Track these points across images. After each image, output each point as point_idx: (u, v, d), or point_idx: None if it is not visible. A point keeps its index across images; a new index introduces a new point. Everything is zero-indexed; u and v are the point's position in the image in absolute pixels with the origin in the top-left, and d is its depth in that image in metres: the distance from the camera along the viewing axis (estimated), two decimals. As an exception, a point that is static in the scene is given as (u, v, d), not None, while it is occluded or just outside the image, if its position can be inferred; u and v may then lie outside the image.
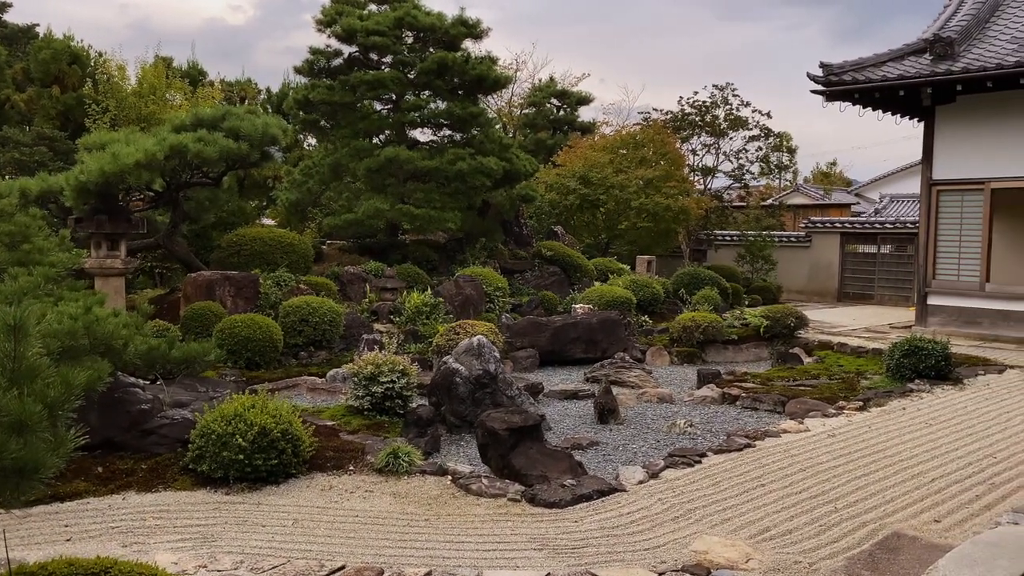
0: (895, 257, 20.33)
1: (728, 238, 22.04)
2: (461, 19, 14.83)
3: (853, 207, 32.60)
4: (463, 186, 13.76)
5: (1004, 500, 5.19)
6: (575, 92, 26.77)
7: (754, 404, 8.99)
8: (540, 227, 18.28)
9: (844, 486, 5.44)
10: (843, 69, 13.56)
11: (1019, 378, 9.62)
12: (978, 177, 13.15)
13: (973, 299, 13.35)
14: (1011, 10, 13.92)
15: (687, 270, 16.52)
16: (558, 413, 8.72)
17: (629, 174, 18.45)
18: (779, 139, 22.12)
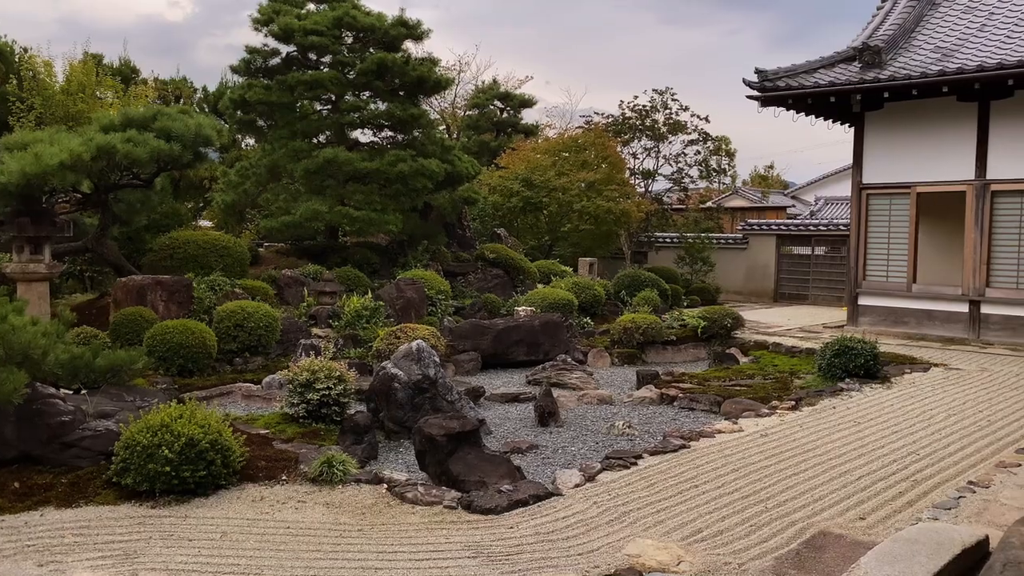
0: (829, 258, 20.91)
1: (668, 240, 22.38)
2: (401, 20, 14.72)
3: (789, 209, 33.49)
4: (404, 188, 13.65)
5: (925, 496, 5.36)
6: (518, 95, 26.95)
7: (691, 404, 9.13)
8: (483, 229, 18.27)
9: (775, 485, 5.55)
10: (777, 75, 13.89)
11: (942, 376, 9.98)
12: (905, 181, 13.62)
13: (901, 299, 13.83)
14: (934, 21, 14.47)
15: (628, 272, 16.71)
16: (499, 416, 8.71)
17: (571, 177, 18.58)
18: (718, 143, 22.57)
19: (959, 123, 12.98)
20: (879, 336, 12.83)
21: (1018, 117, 12.46)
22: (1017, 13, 13.29)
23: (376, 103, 14.90)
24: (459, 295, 14.20)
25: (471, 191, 15.88)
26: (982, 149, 12.79)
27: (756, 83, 13.94)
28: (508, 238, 17.39)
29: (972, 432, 7.15)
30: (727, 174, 28.49)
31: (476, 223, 18.23)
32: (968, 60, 12.32)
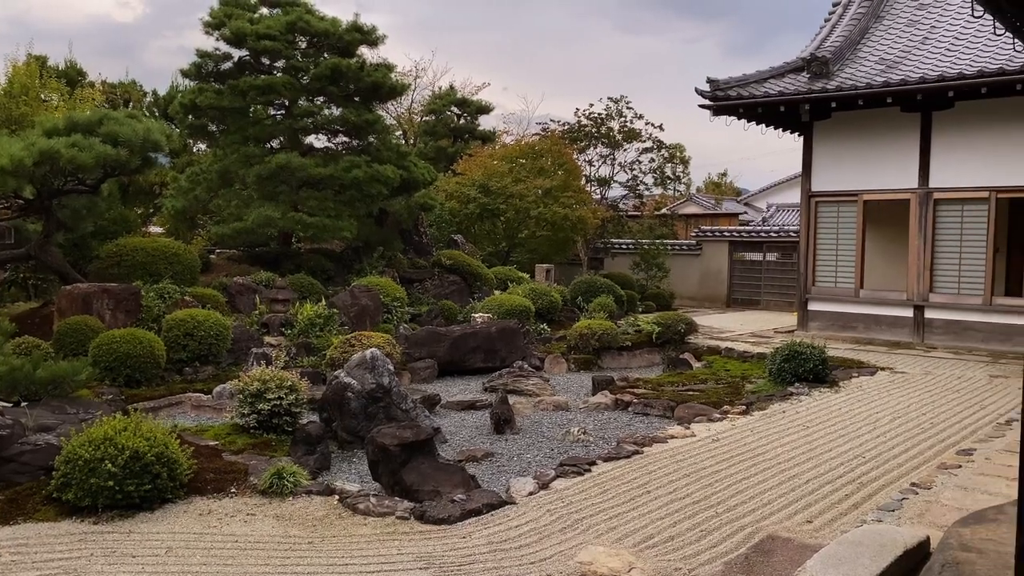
0: (780, 264, 21.31)
1: (624, 246, 22.59)
2: (356, 25, 14.62)
3: (742, 216, 34.07)
4: (359, 194, 13.53)
5: (871, 499, 5.49)
6: (475, 101, 26.97)
7: (645, 410, 9.21)
8: (440, 236, 18.22)
9: (725, 490, 5.63)
10: (728, 85, 14.13)
11: (888, 379, 10.23)
12: (852, 189, 13.96)
13: (849, 304, 14.15)
14: (879, 33, 14.88)
15: (584, 278, 16.82)
16: (455, 425, 8.67)
17: (528, 183, 18.65)
18: (672, 151, 22.87)
19: (903, 133, 13.36)
20: (828, 340, 13.12)
21: (958, 128, 12.88)
22: (957, 27, 13.75)
23: (331, 108, 14.76)
24: (415, 302, 14.13)
25: (427, 197, 15.83)
26: (925, 159, 13.18)
27: (708, 92, 14.16)
28: (465, 244, 17.37)
29: (916, 434, 7.34)
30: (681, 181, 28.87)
31: (433, 229, 18.17)
32: (911, 72, 12.69)
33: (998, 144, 12.47)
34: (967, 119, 12.69)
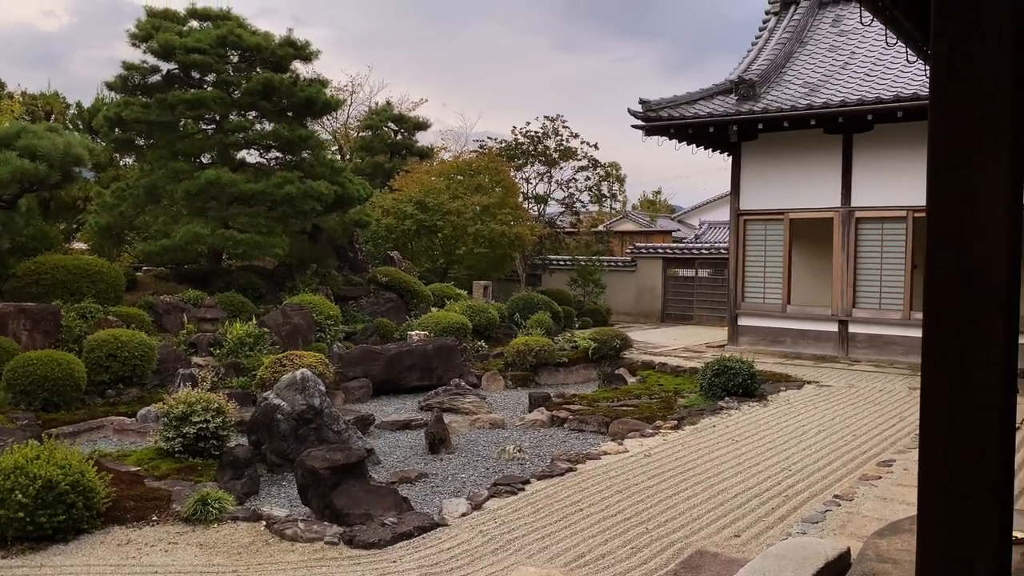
0: (712, 280, 21.78)
1: (561, 263, 22.78)
2: (289, 40, 14.45)
3: (675, 233, 34.75)
4: (292, 210, 13.31)
5: (796, 511, 5.63)
6: (412, 117, 26.93)
7: (580, 426, 9.27)
8: (376, 252, 18.04)
9: (656, 506, 5.69)
10: (660, 105, 14.45)
11: (814, 393, 10.54)
12: (779, 208, 14.40)
13: (777, 319, 14.56)
14: (803, 58, 15.45)
15: (522, 295, 16.88)
16: (389, 445, 8.57)
17: (466, 200, 18.65)
18: (608, 169, 23.21)
19: (826, 154, 13.86)
20: (757, 355, 13.46)
21: (877, 149, 13.43)
22: (875, 53, 14.37)
23: (263, 123, 14.52)
24: (350, 320, 13.94)
25: (363, 214, 15.68)
26: (847, 178, 13.70)
27: (640, 113, 14.45)
28: (402, 261, 17.24)
29: (839, 447, 7.57)
30: (617, 199, 29.29)
31: (369, 246, 17.99)
32: (832, 96, 13.21)
33: (914, 165, 13.04)
34: (886, 141, 13.25)
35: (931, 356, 1.68)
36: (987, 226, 1.58)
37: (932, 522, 1.74)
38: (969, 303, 1.62)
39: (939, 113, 1.65)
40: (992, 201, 1.58)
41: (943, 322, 1.66)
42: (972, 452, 1.63)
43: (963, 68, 1.59)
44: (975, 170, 1.58)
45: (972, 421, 1.62)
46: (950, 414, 1.65)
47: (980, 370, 1.62)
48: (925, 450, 1.72)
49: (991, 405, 1.61)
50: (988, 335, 1.61)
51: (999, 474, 1.62)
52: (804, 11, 16.31)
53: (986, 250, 1.59)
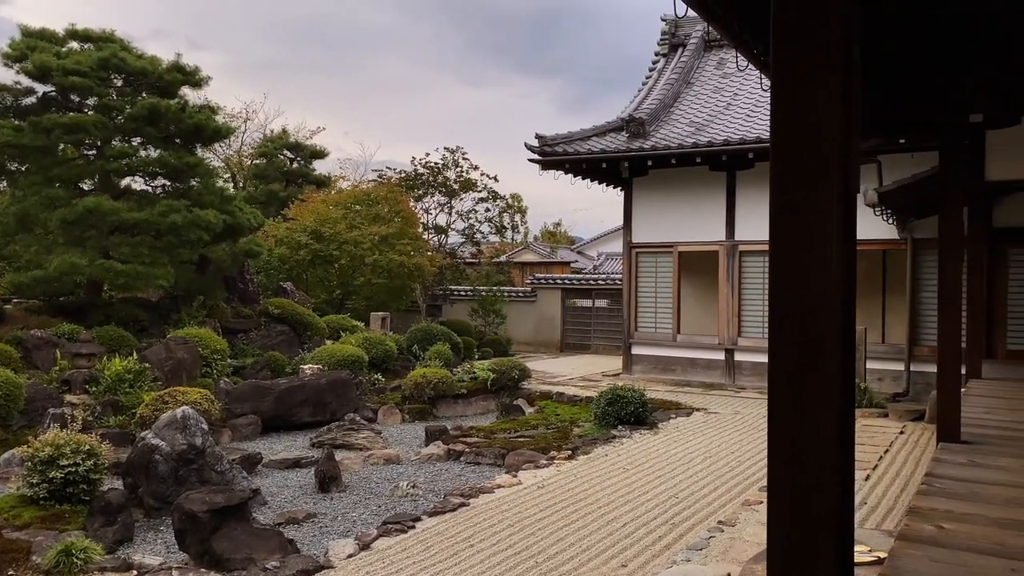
0: (609, 310, 22.25)
1: (462, 293, 22.80)
2: (177, 65, 13.98)
3: (574, 264, 35.48)
4: (178, 240, 12.77)
5: (682, 538, 5.76)
6: (309, 145, 26.54)
7: (477, 459, 9.22)
8: (269, 283, 17.53)
9: (547, 538, 5.70)
10: (555, 141, 14.79)
11: (702, 420, 10.88)
12: (668, 241, 14.92)
13: (668, 348, 15.00)
14: (690, 98, 16.18)
15: (421, 326, 16.74)
16: (277, 485, 8.27)
17: (364, 230, 18.43)
18: (508, 201, 23.51)
19: (712, 190, 14.49)
20: (650, 383, 13.81)
21: (759, 185, 14.15)
22: (756, 95, 15.20)
23: (148, 150, 13.93)
24: (240, 354, 13.45)
25: (254, 243, 15.22)
26: (731, 213, 14.35)
27: (536, 148, 14.74)
28: (295, 292, 16.81)
29: (725, 473, 7.82)
30: (518, 231, 29.67)
31: (261, 277, 17.46)
32: (717, 135, 13.86)
33: (791, 202, 13.81)
34: (766, 178, 13.89)
35: (776, 382, 1.77)
36: (823, 261, 1.68)
37: (776, 542, 1.81)
38: (809, 333, 1.71)
39: (779, 156, 1.75)
40: (828, 238, 1.68)
41: (786, 352, 1.74)
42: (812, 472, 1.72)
43: (800, 117, 1.70)
44: (812, 210, 1.69)
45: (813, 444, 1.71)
46: (792, 437, 1.73)
47: (819, 393, 1.71)
48: (772, 473, 1.80)
49: (830, 426, 1.71)
50: (827, 362, 1.70)
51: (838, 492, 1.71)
52: (690, 54, 17.12)
53: (823, 284, 1.69)
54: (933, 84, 6.29)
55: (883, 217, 11.78)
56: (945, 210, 5.62)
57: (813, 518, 1.72)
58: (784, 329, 1.73)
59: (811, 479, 1.72)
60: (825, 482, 1.71)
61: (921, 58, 6.20)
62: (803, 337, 1.70)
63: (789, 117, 1.71)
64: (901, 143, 9.98)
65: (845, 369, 1.72)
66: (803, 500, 1.73)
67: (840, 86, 1.64)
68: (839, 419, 1.71)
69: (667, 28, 17.79)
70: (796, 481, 1.73)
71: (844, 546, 1.80)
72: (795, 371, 1.72)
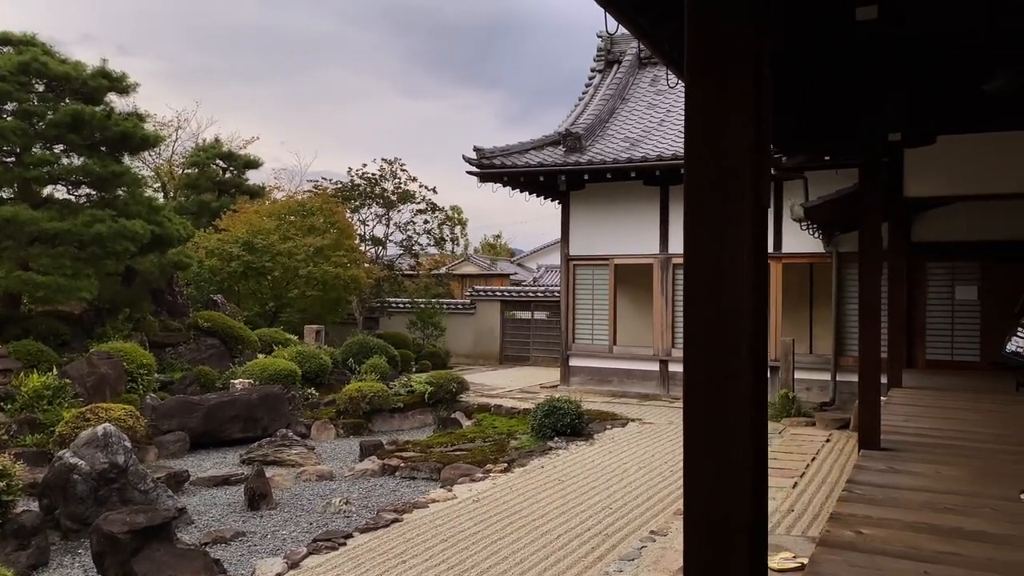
0: (548, 322, 22.37)
1: (400, 306, 22.62)
2: (103, 71, 13.53)
3: (514, 276, 35.58)
4: (103, 251, 12.32)
5: (614, 549, 5.80)
6: (243, 155, 26.00)
7: (412, 473, 9.13)
8: (199, 296, 17.06)
9: (481, 552, 5.67)
10: (493, 154, 14.84)
11: (637, 430, 11.01)
12: (604, 254, 15.10)
13: (605, 360, 15.15)
14: (625, 114, 16.45)
15: (356, 339, 16.52)
16: (204, 503, 8.03)
17: (298, 241, 18.11)
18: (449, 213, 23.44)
19: (646, 204, 14.73)
20: (587, 394, 13.92)
21: (691, 200, 14.44)
22: (688, 112, 15.54)
23: (72, 158, 13.42)
24: (168, 368, 13.04)
25: (183, 255, 14.80)
26: (664, 227, 14.61)
27: (475, 160, 14.76)
28: (226, 305, 16.40)
29: (658, 483, 7.92)
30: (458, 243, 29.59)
31: (191, 289, 16.98)
32: (650, 150, 14.11)
33: (723, 216, 14.14)
34: (698, 193, 14.26)
35: (692, 388, 1.80)
36: (735, 274, 1.72)
37: (691, 550, 1.84)
38: (722, 339, 1.75)
39: (692, 173, 1.78)
40: (739, 248, 1.72)
41: (700, 358, 1.78)
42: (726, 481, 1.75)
43: (711, 135, 1.74)
44: (724, 224, 1.72)
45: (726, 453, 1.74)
46: (706, 446, 1.76)
47: (733, 397, 1.75)
48: (688, 483, 1.82)
49: (742, 435, 1.74)
50: (739, 368, 1.74)
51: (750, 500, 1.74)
52: (625, 71, 17.43)
53: (734, 295, 1.73)
54: (855, 105, 6.53)
55: (809, 232, 12.17)
56: (864, 225, 5.84)
57: (726, 525, 1.75)
58: (697, 340, 1.77)
59: (725, 488, 1.75)
60: (738, 490, 1.74)
61: (844, 81, 6.46)
62: (715, 348, 1.74)
63: (701, 135, 1.75)
64: (826, 160, 10.35)
65: (757, 379, 1.76)
66: (717, 508, 1.76)
67: (750, 106, 1.68)
68: (751, 428, 1.75)
69: (603, 45, 18.08)
70: (710, 489, 1.76)
71: (758, 550, 1.83)
72: (708, 381, 1.75)
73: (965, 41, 6.23)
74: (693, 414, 1.79)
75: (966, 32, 6.02)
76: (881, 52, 5.85)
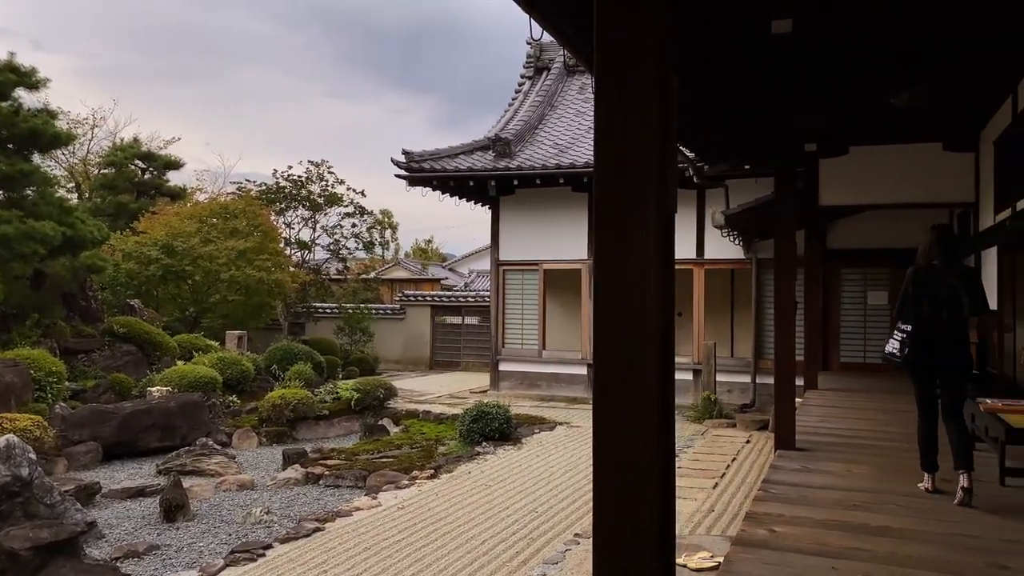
0: (479, 327, 22.34)
1: (328, 311, 22.23)
2: (10, 66, 12.88)
3: (446, 281, 35.42)
4: (9, 253, 11.71)
5: (539, 553, 5.81)
6: (163, 155, 25.17)
7: (337, 481, 8.96)
8: (115, 301, 16.39)
9: (405, 560, 5.61)
10: (423, 158, 14.76)
11: (565, 434, 11.09)
12: (534, 259, 15.19)
13: (534, 364, 15.23)
14: (554, 121, 16.60)
15: (281, 345, 16.14)
16: (117, 516, 7.71)
17: (219, 245, 17.60)
18: (377, 216, 23.14)
19: (575, 210, 14.89)
20: (517, 398, 13.96)
21: (618, 207, 14.66)
22: (615, 120, 15.79)
23: (-25, 155, 12.74)
24: (80, 376, 12.48)
25: (97, 258, 14.20)
26: (592, 233, 14.77)
27: (404, 164, 14.65)
28: (144, 310, 15.79)
29: (584, 485, 7.98)
30: (388, 247, 29.25)
31: (106, 293, 16.30)
32: (578, 157, 14.27)
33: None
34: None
35: (601, 393, 1.81)
36: (642, 277, 1.74)
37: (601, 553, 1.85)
38: (630, 345, 1.76)
39: (601, 181, 1.80)
40: (645, 257, 1.75)
41: (608, 365, 1.79)
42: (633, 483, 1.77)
43: (618, 144, 1.75)
44: (630, 229, 1.74)
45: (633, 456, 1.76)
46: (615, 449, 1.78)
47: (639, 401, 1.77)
48: (597, 484, 1.83)
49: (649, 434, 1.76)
50: (647, 375, 1.76)
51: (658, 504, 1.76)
52: (554, 78, 17.60)
53: (641, 300, 1.75)
54: (773, 116, 6.74)
55: (730, 239, 12.51)
56: (779, 232, 6.03)
57: (634, 526, 1.77)
58: (606, 347, 1.78)
59: (632, 491, 1.76)
60: (645, 493, 1.76)
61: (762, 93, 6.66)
62: (623, 354, 1.75)
63: (607, 143, 1.77)
64: (746, 169, 10.67)
65: (663, 383, 1.79)
66: (624, 510, 1.77)
67: (653, 114, 1.71)
68: (658, 431, 1.77)
69: (532, 52, 18.22)
70: (617, 492, 1.78)
71: (666, 550, 1.86)
72: (616, 386, 1.77)
73: (876, 57, 6.51)
74: (601, 418, 1.80)
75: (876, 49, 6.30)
76: (797, 65, 6.06)
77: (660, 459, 1.78)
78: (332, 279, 23.30)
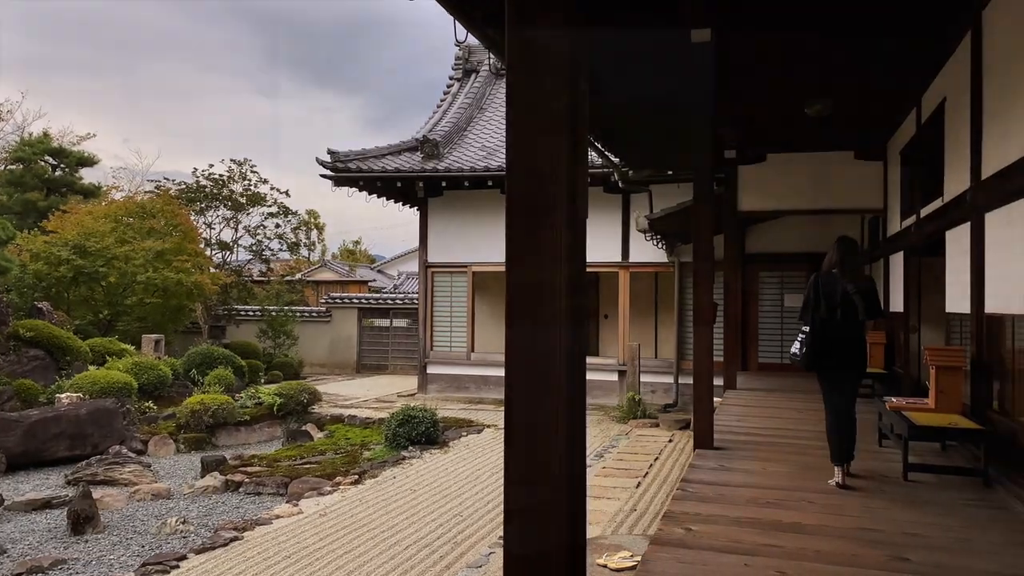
0: (407, 330, 22.15)
1: (250, 313, 21.66)
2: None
3: (374, 283, 34.97)
4: (-98, 254, 11.04)
5: (462, 557, 5.79)
6: (76, 152, 24.11)
7: (258, 489, 8.74)
8: (22, 303, 15.59)
9: (326, 568, 5.50)
10: (349, 158, 14.54)
11: (492, 436, 11.09)
12: (462, 261, 15.15)
13: (463, 367, 15.18)
14: (482, 123, 16.60)
15: (200, 349, 15.64)
16: (20, 530, 7.33)
17: (136, 245, 16.95)
18: (303, 217, 22.69)
19: (502, 212, 14.88)
20: (445, 402, 13.90)
21: (546, 210, 14.77)
22: (543, 124, 15.90)
23: None
24: (-18, 383, 11.81)
25: (2, 258, 13.51)
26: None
27: (329, 163, 14.41)
28: (53, 313, 15.06)
29: (509, 488, 7.99)
30: (314, 248, 28.70)
31: (12, 295, 15.49)
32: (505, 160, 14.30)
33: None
34: (552, 203, 14.62)
35: (510, 403, 1.80)
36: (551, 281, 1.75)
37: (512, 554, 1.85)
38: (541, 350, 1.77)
39: (513, 186, 1.79)
40: (557, 258, 1.75)
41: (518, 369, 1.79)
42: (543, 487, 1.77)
43: (528, 151, 1.76)
44: (540, 234, 1.75)
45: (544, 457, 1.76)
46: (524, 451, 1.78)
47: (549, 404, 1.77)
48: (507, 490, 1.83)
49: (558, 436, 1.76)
50: (556, 380, 1.76)
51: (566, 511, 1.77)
52: (483, 81, 17.61)
53: (551, 303, 1.76)
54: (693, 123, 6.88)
55: (653, 242, 12.75)
56: (697, 236, 6.17)
57: (544, 528, 1.77)
58: (518, 351, 1.78)
59: (542, 495, 1.76)
60: (554, 496, 1.76)
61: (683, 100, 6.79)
62: (534, 358, 1.76)
63: (518, 150, 1.77)
64: (669, 174, 10.89)
65: (572, 385, 1.79)
66: (534, 516, 1.77)
67: (562, 120, 1.72)
68: (567, 434, 1.78)
69: (461, 54, 18.19)
70: (528, 495, 1.78)
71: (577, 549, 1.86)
72: (527, 388, 1.77)
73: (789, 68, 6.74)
74: (513, 419, 1.80)
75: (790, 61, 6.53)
76: (716, 74, 6.21)
77: (569, 464, 1.78)
78: (255, 281, 22.74)
